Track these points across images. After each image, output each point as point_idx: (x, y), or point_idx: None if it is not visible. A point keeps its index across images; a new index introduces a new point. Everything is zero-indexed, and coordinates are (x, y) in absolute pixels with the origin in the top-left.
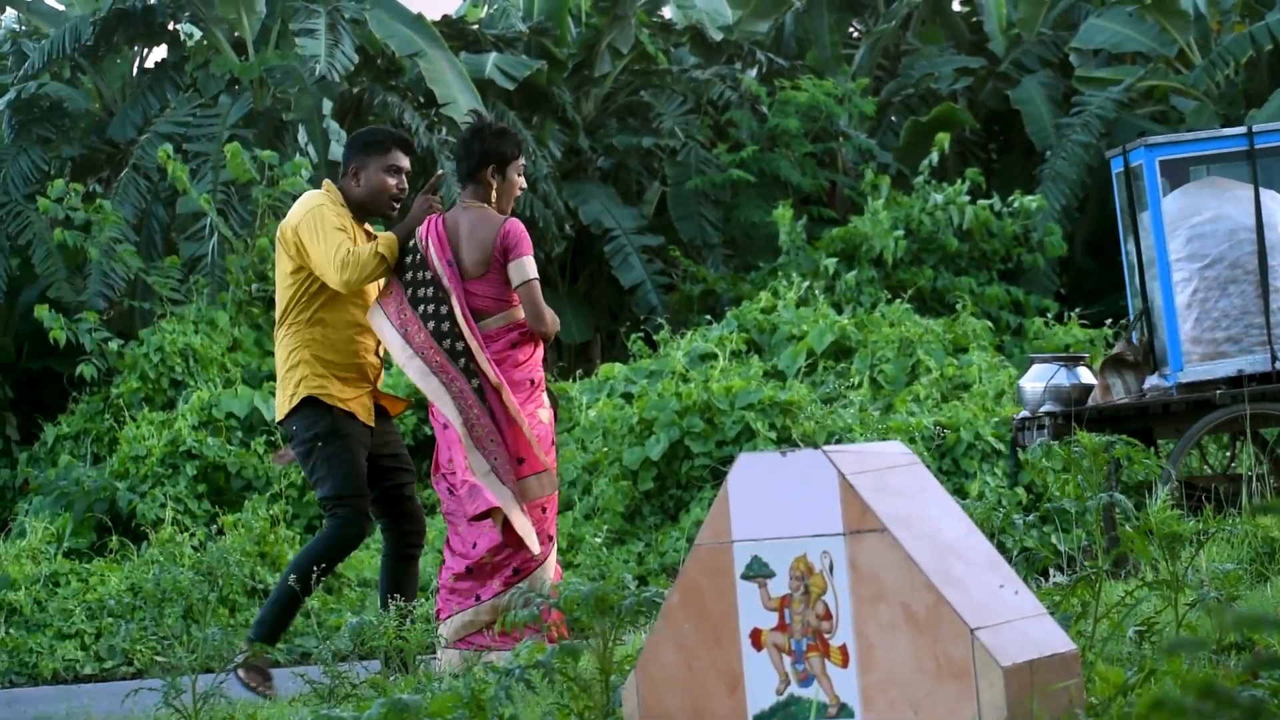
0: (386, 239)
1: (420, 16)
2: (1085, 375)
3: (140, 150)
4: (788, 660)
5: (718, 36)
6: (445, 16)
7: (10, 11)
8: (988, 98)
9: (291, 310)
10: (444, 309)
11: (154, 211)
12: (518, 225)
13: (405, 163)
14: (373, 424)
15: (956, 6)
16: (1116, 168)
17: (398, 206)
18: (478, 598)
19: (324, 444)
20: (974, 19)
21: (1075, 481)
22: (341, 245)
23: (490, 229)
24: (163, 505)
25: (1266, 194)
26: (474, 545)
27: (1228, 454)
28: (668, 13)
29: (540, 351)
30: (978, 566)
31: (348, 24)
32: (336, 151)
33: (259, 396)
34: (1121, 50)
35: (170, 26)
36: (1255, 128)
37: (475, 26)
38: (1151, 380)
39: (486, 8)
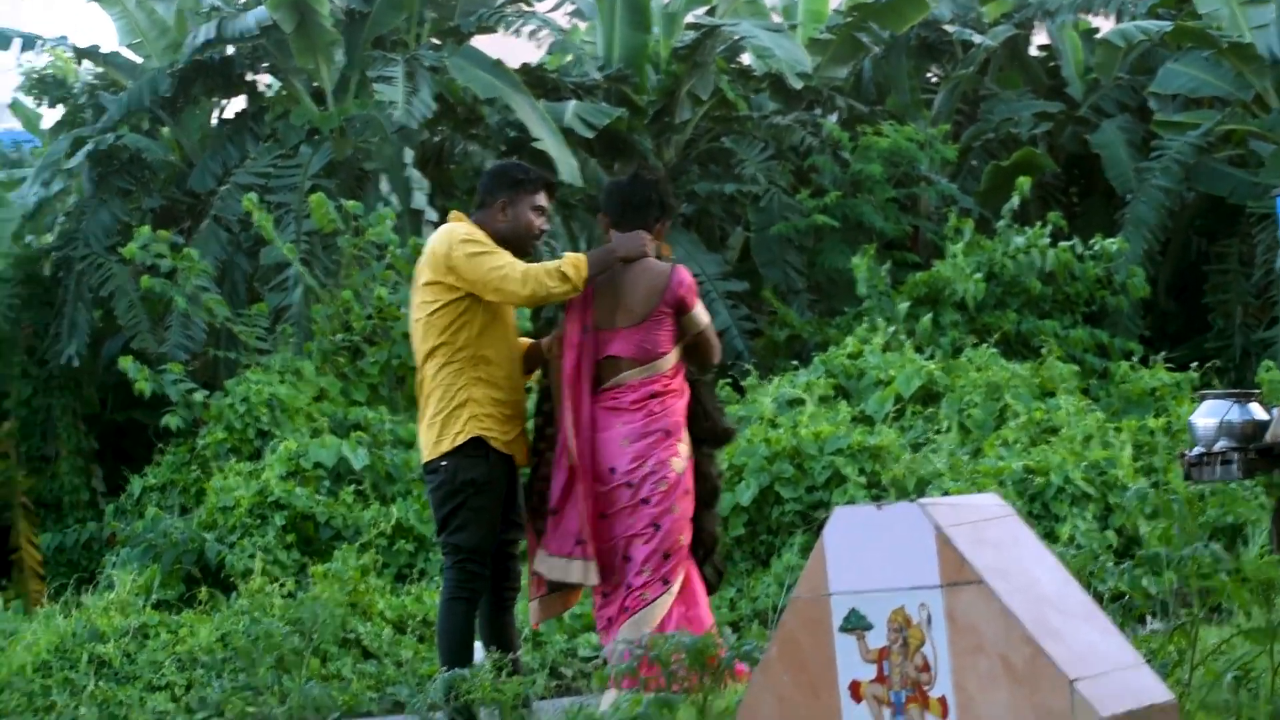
0: (574, 259)
1: (499, 63)
2: (1258, 411)
3: (220, 201)
4: (887, 712)
5: (798, 85)
6: (524, 65)
7: (87, 64)
8: (1067, 142)
9: (448, 346)
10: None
11: (236, 262)
12: (688, 274)
13: (548, 205)
14: (524, 464)
15: (1034, 52)
16: None
17: (535, 246)
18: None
19: (476, 494)
20: (1051, 64)
21: (1170, 528)
22: (511, 260)
23: (659, 278)
24: (251, 556)
25: None
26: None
27: None
28: (747, 59)
29: (682, 402)
30: (1075, 617)
31: (426, 71)
32: (419, 200)
33: (346, 446)
34: (1199, 94)
35: (248, 77)
36: None
37: (554, 74)
38: None
39: (563, 56)
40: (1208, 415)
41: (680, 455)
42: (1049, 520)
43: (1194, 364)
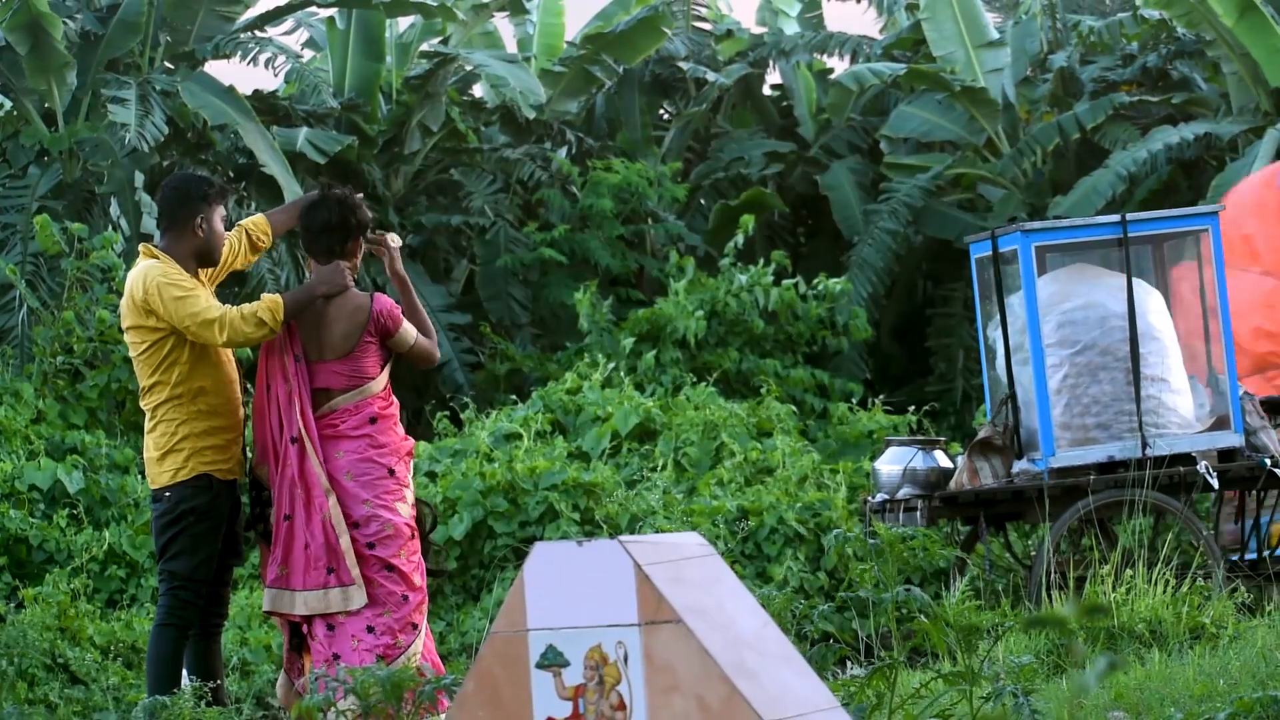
0: (271, 301)
1: (232, 89)
2: (942, 459)
3: None
4: None
5: (530, 114)
6: (256, 91)
7: None
8: (797, 182)
9: (162, 384)
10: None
11: None
12: (388, 301)
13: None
14: (240, 477)
15: (767, 91)
16: (977, 253)
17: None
18: None
19: (196, 521)
20: (784, 104)
21: (871, 571)
22: (210, 304)
23: (360, 311)
24: None
25: (1136, 283)
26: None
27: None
28: (479, 91)
29: (407, 444)
30: (773, 659)
31: (159, 95)
32: (149, 224)
33: (62, 469)
34: (931, 138)
35: None
36: (1129, 217)
37: (287, 102)
38: (1020, 465)
39: (299, 84)
40: (892, 462)
41: (406, 500)
42: (762, 560)
43: (912, 407)
